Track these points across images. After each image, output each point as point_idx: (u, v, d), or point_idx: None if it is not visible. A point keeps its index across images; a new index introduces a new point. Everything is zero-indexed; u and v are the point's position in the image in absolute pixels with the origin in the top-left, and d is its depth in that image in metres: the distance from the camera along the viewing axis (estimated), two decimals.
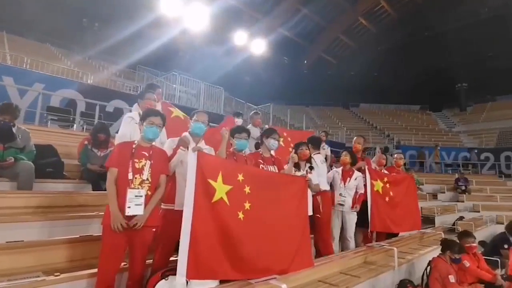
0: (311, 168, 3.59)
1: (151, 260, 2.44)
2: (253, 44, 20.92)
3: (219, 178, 2.49)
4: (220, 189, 2.48)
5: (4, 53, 10.53)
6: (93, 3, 17.68)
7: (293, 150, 3.71)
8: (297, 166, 3.50)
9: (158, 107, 3.71)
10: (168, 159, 2.45)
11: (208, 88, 12.36)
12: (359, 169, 4.49)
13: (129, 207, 2.14)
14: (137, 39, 16.40)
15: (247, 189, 2.69)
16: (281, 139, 4.98)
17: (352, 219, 4.22)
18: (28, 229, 2.57)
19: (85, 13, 18.42)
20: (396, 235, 5.09)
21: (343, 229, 4.22)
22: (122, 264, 2.27)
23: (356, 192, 4.27)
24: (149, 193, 2.27)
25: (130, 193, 2.16)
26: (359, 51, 24.48)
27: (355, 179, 4.27)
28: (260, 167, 3.24)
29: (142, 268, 2.26)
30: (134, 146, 2.32)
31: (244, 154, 3.11)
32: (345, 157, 4.30)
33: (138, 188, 2.20)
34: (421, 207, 6.36)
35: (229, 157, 2.96)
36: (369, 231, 4.37)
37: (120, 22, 16.61)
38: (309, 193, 3.47)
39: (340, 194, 4.19)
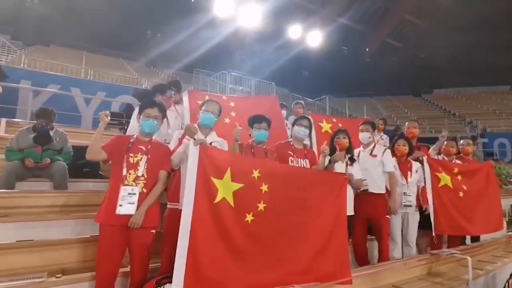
0: (351, 160, 3.04)
1: (159, 264, 2.26)
2: (309, 37, 20.17)
3: (227, 176, 2.19)
4: (225, 188, 2.17)
5: (80, 68, 11.84)
6: (155, 16, 19.00)
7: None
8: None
9: (185, 98, 3.54)
10: (169, 154, 2.23)
11: (259, 84, 12.17)
12: (417, 160, 3.77)
13: (120, 205, 1.96)
14: (193, 42, 17.10)
15: (264, 188, 2.34)
16: (329, 126, 4.51)
17: (414, 220, 3.54)
18: (51, 227, 2.61)
19: (148, 26, 19.91)
20: (477, 238, 4.19)
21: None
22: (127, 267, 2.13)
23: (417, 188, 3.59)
24: (145, 190, 2.07)
25: (123, 191, 1.99)
26: (430, 31, 21.71)
27: (416, 171, 3.58)
28: (289, 160, 2.85)
29: (141, 272, 2.07)
30: (131, 140, 2.15)
31: (263, 147, 2.74)
32: (403, 146, 3.57)
33: (132, 185, 2.02)
34: None
35: (246, 150, 2.64)
36: (433, 234, 3.61)
37: (179, 29, 17.53)
38: (350, 191, 2.96)
39: (404, 193, 3.49)
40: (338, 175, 2.80)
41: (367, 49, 23.97)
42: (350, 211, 2.86)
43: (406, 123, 4.15)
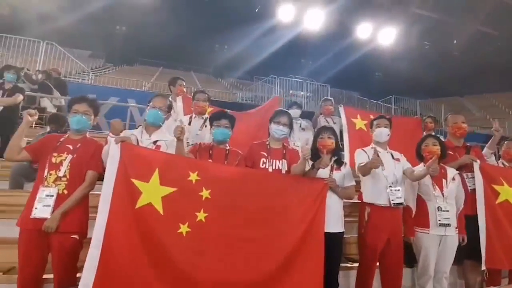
0: (338, 163, 2.44)
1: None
2: (381, 35, 18.47)
3: (154, 178, 1.92)
4: (152, 192, 1.90)
5: (149, 82, 13.08)
6: (222, 31, 19.98)
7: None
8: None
9: (179, 102, 3.51)
10: (100, 153, 2.05)
11: (314, 87, 11.54)
12: (461, 167, 2.88)
13: (36, 208, 1.86)
14: (257, 49, 17.38)
15: (204, 193, 2.00)
16: (364, 123, 3.90)
17: (452, 245, 2.66)
18: None
19: (216, 40, 21.07)
20: None
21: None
22: None
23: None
24: (66, 192, 1.93)
25: (41, 192, 1.89)
26: None
27: (453, 179, 2.70)
28: (261, 162, 2.42)
29: (64, 279, 1.92)
30: (61, 139, 2.06)
31: (226, 147, 2.38)
32: (433, 146, 2.70)
33: (50, 187, 1.90)
34: None
35: (202, 151, 2.32)
36: (482, 268, 2.68)
37: (243, 38, 18.06)
38: (336, 201, 2.36)
39: (439, 208, 2.63)
40: (316, 181, 2.26)
41: (455, 41, 20.74)
42: (332, 227, 2.25)
43: (449, 116, 3.23)
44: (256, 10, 19.22)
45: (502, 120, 14.03)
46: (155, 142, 2.21)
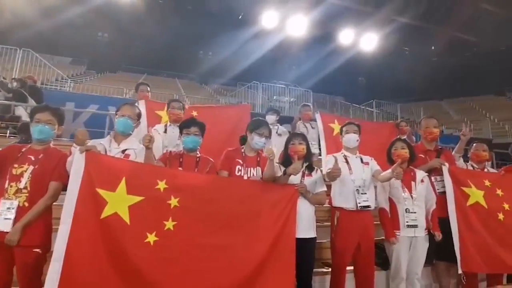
0: (310, 168, 2.46)
1: None
2: (363, 41, 18.90)
3: (121, 187, 1.89)
4: (118, 201, 1.87)
5: (131, 89, 12.92)
6: (206, 37, 20.01)
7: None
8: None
9: (141, 106, 3.48)
10: (65, 163, 2.01)
11: (298, 93, 11.68)
12: (431, 170, 2.95)
13: None
14: (240, 55, 17.48)
15: (173, 202, 1.98)
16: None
17: (422, 247, 2.70)
18: None
19: (200, 47, 21.13)
20: None
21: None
22: None
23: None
24: (27, 204, 1.87)
25: (2, 205, 1.84)
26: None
27: (422, 180, 2.75)
28: (236, 169, 2.42)
29: None
30: (23, 149, 2.00)
31: (197, 155, 2.37)
32: (402, 149, 2.75)
33: (11, 199, 1.85)
34: None
35: (172, 159, 2.30)
36: (459, 272, 2.72)
37: (227, 45, 18.15)
38: (307, 207, 2.38)
39: (407, 210, 2.67)
40: (286, 187, 2.27)
41: (433, 47, 21.43)
42: (303, 233, 2.27)
43: (422, 121, 3.30)
44: (240, 17, 19.41)
45: (478, 122, 14.54)
46: (124, 151, 2.17)
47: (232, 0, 18.42)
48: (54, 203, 2.05)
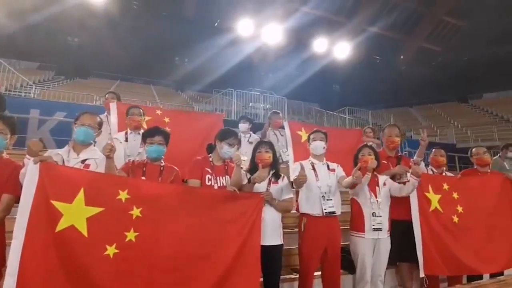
0: (276, 176, 2.49)
1: None
2: (336, 49, 19.47)
3: (78, 198, 1.82)
4: (75, 213, 1.80)
5: (102, 95, 12.54)
6: (182, 44, 19.87)
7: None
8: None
9: (113, 109, 3.37)
10: (17, 174, 1.92)
11: (274, 100, 11.81)
12: (395, 177, 3.06)
13: None
14: (216, 62, 17.48)
15: (135, 212, 1.93)
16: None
17: (385, 249, 2.77)
18: None
19: (176, 53, 20.93)
20: (500, 273, 3.24)
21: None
22: None
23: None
24: None
25: None
26: (474, 30, 19.73)
27: (384, 184, 2.85)
28: (206, 179, 2.39)
29: None
30: None
31: (161, 164, 2.33)
32: (369, 156, 2.82)
33: None
34: None
35: (135, 169, 2.25)
36: (421, 275, 2.82)
37: (204, 51, 18.10)
38: (273, 214, 2.40)
39: (374, 214, 2.73)
40: (252, 195, 2.28)
41: (402, 57, 22.45)
42: (269, 240, 2.28)
43: (385, 129, 3.42)
44: (216, 24, 19.49)
45: (443, 128, 15.33)
46: (83, 161, 2.10)
47: (208, 7, 18.53)
48: (7, 216, 1.96)
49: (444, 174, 3.33)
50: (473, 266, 2.96)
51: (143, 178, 2.20)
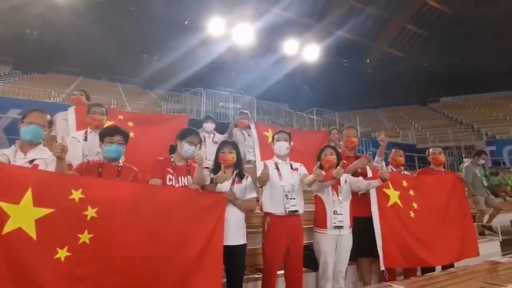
0: (240, 176, 2.49)
1: None
2: (306, 51, 19.89)
3: (26, 199, 1.71)
4: (22, 215, 1.69)
5: (63, 92, 11.91)
6: (151, 41, 19.35)
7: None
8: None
9: (70, 114, 3.23)
10: None
11: (245, 100, 11.81)
12: (356, 173, 3.16)
13: None
14: (186, 61, 17.19)
15: (90, 213, 1.83)
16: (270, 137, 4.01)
17: (347, 246, 2.83)
18: None
19: (144, 50, 20.31)
20: (451, 265, 3.43)
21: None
22: None
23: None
24: None
25: None
26: (432, 38, 21.04)
27: (345, 181, 2.93)
28: (167, 179, 2.33)
29: None
30: None
31: (118, 164, 2.24)
32: (331, 156, 2.89)
33: None
34: None
35: (90, 169, 2.14)
36: (382, 269, 2.93)
37: (173, 50, 17.71)
38: (236, 214, 2.39)
39: (335, 212, 2.78)
40: (214, 195, 2.26)
41: (368, 61, 23.42)
42: (232, 240, 2.27)
43: (344, 131, 3.53)
44: (186, 22, 19.16)
45: (405, 129, 16.15)
46: (31, 162, 1.97)
47: (178, 4, 18.16)
48: None
49: (402, 173, 3.50)
50: (427, 259, 3.14)
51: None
